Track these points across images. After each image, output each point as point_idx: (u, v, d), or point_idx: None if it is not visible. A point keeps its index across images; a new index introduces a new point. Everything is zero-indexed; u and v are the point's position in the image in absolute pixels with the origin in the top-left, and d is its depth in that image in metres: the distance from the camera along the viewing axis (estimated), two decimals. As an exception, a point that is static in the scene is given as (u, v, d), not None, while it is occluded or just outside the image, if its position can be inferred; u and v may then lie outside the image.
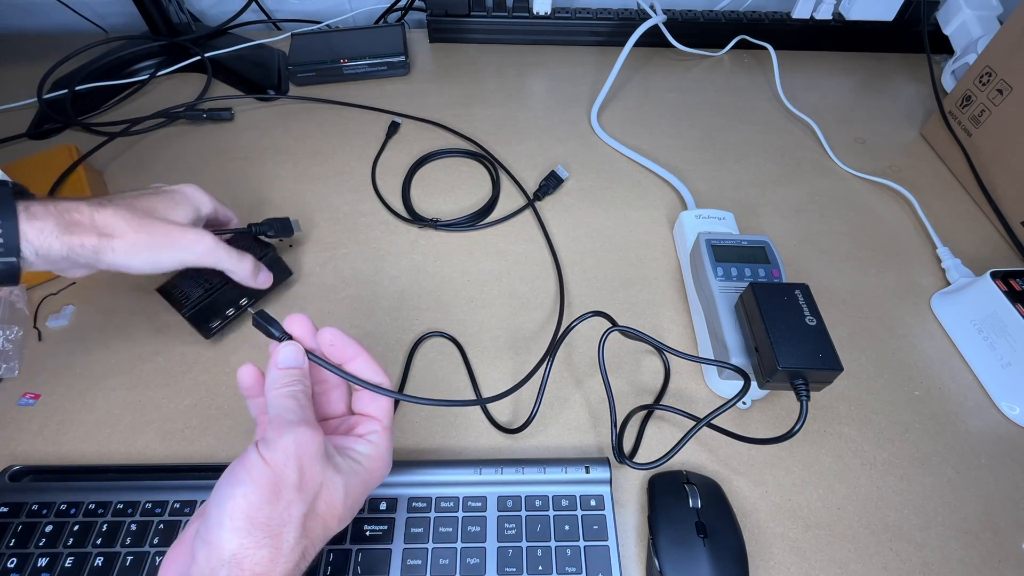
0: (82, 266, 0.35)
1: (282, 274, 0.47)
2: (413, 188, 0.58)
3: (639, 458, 0.40)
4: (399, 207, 0.56)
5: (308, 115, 0.66)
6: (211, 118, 0.64)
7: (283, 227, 0.48)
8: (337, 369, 0.30)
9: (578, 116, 0.68)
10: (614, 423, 0.40)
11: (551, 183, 0.57)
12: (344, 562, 0.34)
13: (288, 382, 0.28)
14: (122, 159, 0.60)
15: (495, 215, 0.56)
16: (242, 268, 0.41)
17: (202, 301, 0.43)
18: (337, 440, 0.30)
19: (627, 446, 0.41)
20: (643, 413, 0.43)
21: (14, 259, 0.32)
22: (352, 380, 0.30)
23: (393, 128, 0.63)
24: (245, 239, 0.46)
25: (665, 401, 0.43)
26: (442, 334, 0.47)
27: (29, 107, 0.63)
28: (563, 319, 0.48)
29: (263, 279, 0.43)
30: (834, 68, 0.76)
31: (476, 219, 0.55)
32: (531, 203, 0.57)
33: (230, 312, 0.45)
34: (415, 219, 0.55)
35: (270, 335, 0.30)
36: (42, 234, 0.32)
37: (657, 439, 0.42)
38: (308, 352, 0.30)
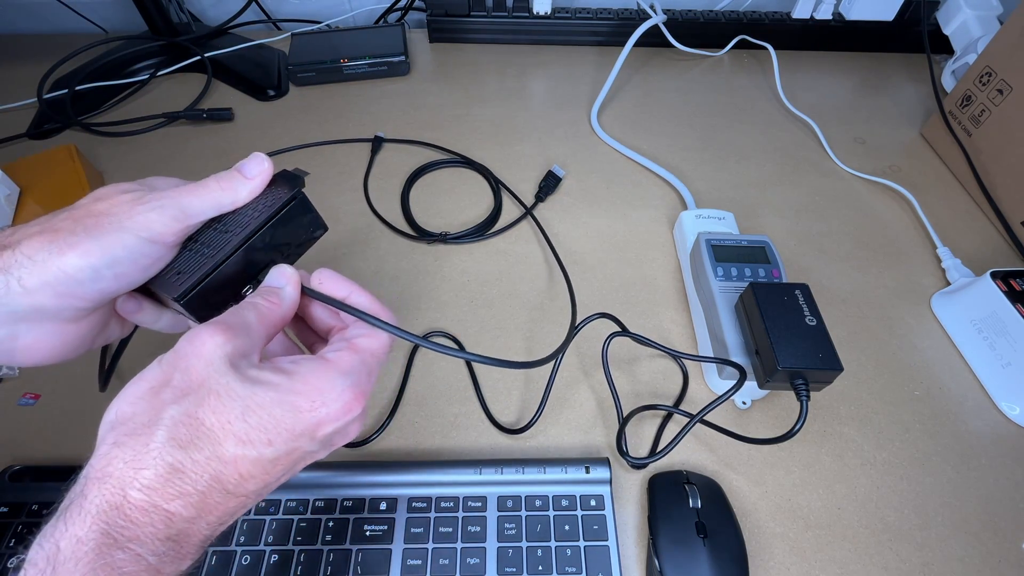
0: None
1: (306, 226, 0.31)
2: (412, 201, 0.57)
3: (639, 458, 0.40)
4: (395, 220, 0.55)
5: (308, 115, 0.66)
6: (211, 118, 0.64)
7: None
8: (336, 301, 0.27)
9: (578, 116, 0.68)
10: (620, 417, 0.40)
11: (550, 183, 0.57)
12: (344, 562, 0.34)
13: (253, 295, 0.26)
14: (122, 159, 0.59)
15: (501, 223, 0.56)
16: (219, 187, 0.27)
17: (199, 284, 0.29)
18: (281, 360, 0.25)
19: (628, 447, 0.41)
20: (645, 413, 0.43)
21: None
22: (352, 312, 0.27)
23: (377, 144, 0.62)
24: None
25: (667, 401, 0.43)
26: (444, 334, 0.47)
27: (29, 107, 0.63)
28: (574, 320, 0.48)
29: (251, 174, 0.28)
30: (834, 68, 0.76)
31: (482, 230, 0.55)
32: (529, 212, 0.56)
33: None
34: (421, 235, 0.54)
35: None
36: None
37: (659, 439, 0.42)
38: (305, 288, 0.27)
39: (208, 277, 0.26)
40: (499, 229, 0.55)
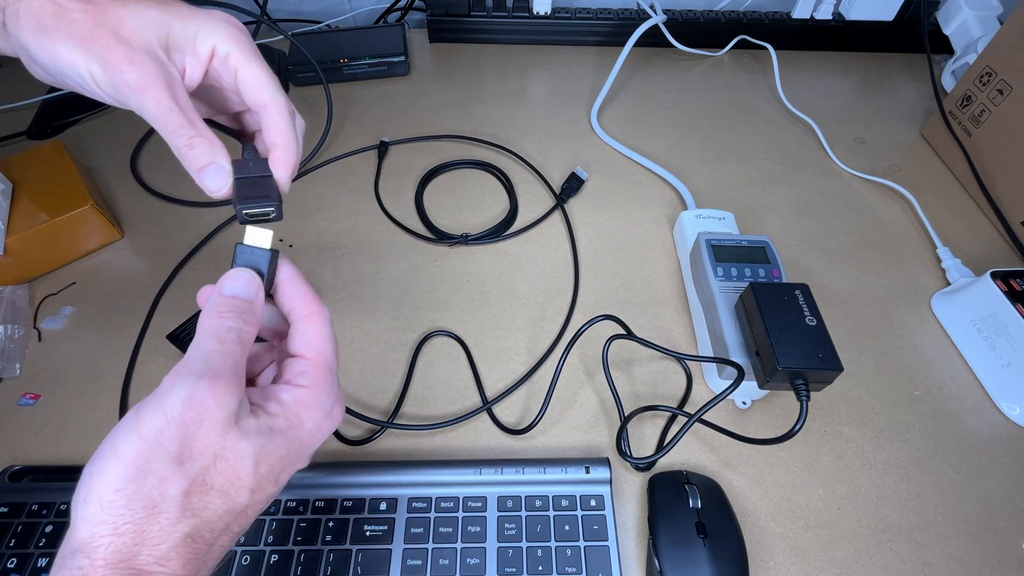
0: None
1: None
2: (426, 203, 0.57)
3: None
4: (411, 224, 0.55)
5: (309, 115, 0.66)
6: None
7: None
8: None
9: (578, 116, 0.68)
10: (621, 417, 0.40)
11: (573, 184, 0.57)
12: (344, 562, 0.34)
13: (224, 312, 0.24)
14: (121, 159, 0.59)
15: (519, 222, 0.55)
16: (181, 138, 0.25)
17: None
18: (255, 395, 0.24)
19: (630, 447, 0.41)
20: (646, 414, 0.43)
21: None
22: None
23: (383, 148, 0.61)
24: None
25: (668, 402, 0.43)
26: (448, 334, 0.47)
27: (30, 107, 0.64)
28: (569, 320, 0.48)
29: (210, 176, 0.26)
30: (834, 68, 0.76)
31: (501, 229, 0.54)
32: (560, 204, 0.56)
33: None
34: (441, 237, 0.53)
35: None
36: None
37: (657, 438, 0.42)
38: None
39: None
40: (519, 229, 0.55)
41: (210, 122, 0.30)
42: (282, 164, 0.27)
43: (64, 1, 0.24)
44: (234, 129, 0.31)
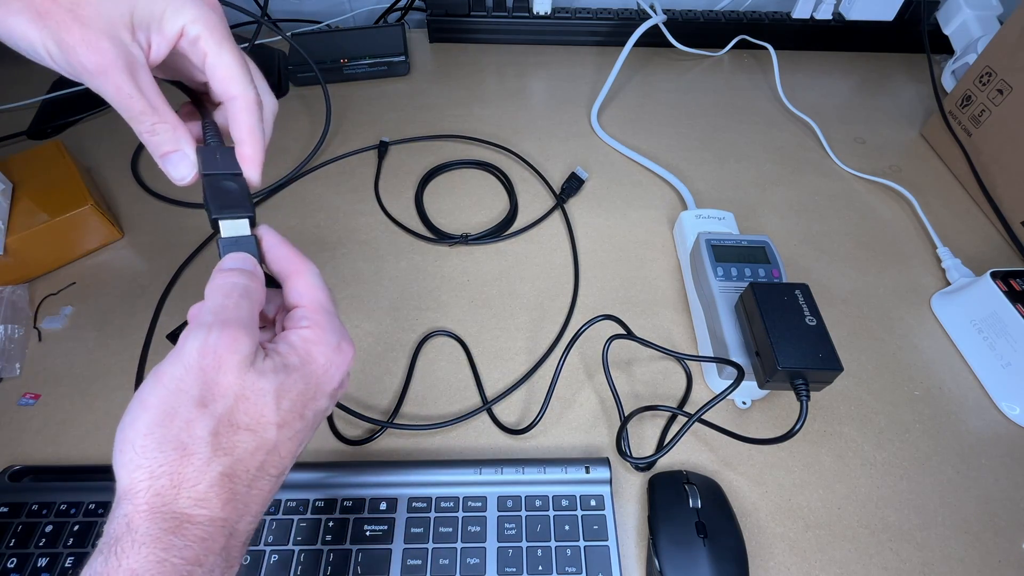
0: None
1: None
2: (426, 203, 0.57)
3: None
4: (410, 223, 0.55)
5: (308, 115, 0.66)
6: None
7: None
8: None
9: (578, 116, 0.68)
10: (621, 417, 0.40)
11: (573, 184, 0.57)
12: (344, 562, 0.35)
13: (227, 271, 0.25)
14: (121, 159, 0.59)
15: (519, 222, 0.55)
16: (142, 124, 0.25)
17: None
18: (265, 343, 0.25)
19: (630, 447, 0.41)
20: (646, 414, 0.43)
21: None
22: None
23: (383, 148, 0.61)
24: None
25: (668, 402, 0.43)
26: (448, 333, 0.47)
27: (30, 107, 0.64)
28: (569, 320, 0.48)
29: (173, 164, 0.26)
30: (834, 68, 0.76)
31: (501, 229, 0.54)
32: (560, 204, 0.56)
33: None
34: (441, 237, 0.53)
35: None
36: None
37: (657, 438, 0.42)
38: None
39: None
40: (519, 229, 0.55)
41: (173, 81, 0.29)
42: (250, 162, 0.27)
43: None
44: (197, 92, 0.30)
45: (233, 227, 0.26)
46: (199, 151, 0.27)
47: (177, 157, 0.26)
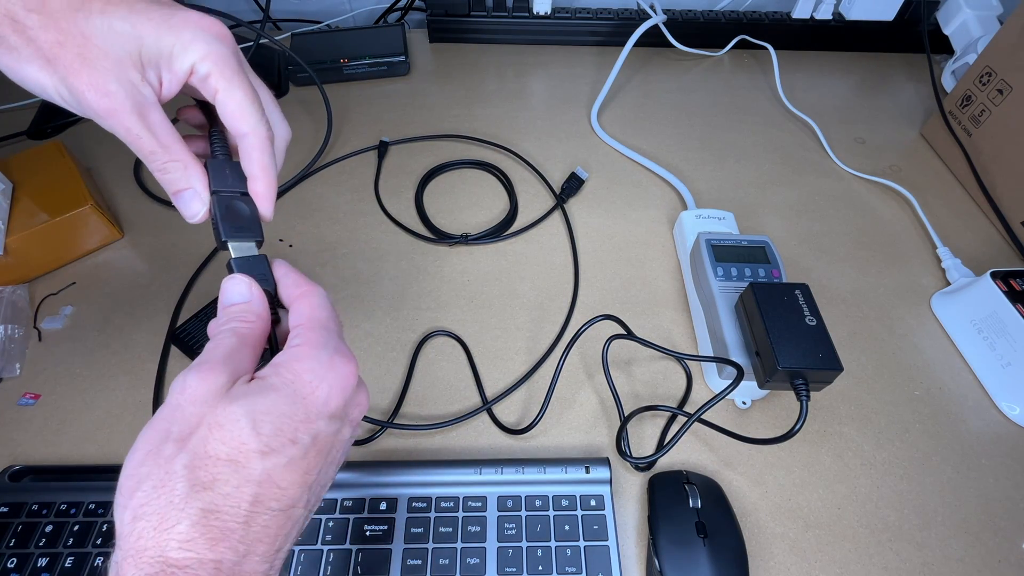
0: None
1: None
2: (426, 203, 0.57)
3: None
4: (410, 223, 0.55)
5: (308, 115, 0.66)
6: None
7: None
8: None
9: (578, 116, 0.68)
10: (621, 417, 0.40)
11: (573, 184, 0.57)
12: (344, 562, 0.34)
13: (222, 320, 0.25)
14: (121, 160, 0.59)
15: (519, 222, 0.55)
16: (154, 162, 0.26)
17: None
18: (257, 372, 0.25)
19: (630, 447, 0.41)
20: (646, 414, 0.43)
21: None
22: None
23: (383, 148, 0.61)
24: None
25: (668, 402, 0.43)
26: (448, 333, 0.47)
27: (30, 107, 0.64)
28: (569, 320, 0.48)
29: (185, 201, 0.27)
30: (834, 68, 0.76)
31: (501, 229, 0.54)
32: (560, 204, 0.56)
33: None
34: (441, 237, 0.53)
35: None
36: None
37: (657, 438, 0.42)
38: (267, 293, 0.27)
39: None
40: (519, 229, 0.55)
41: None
42: (262, 198, 0.27)
43: (21, 16, 0.22)
44: (206, 103, 0.29)
45: (241, 248, 0.27)
46: (208, 163, 0.27)
47: (189, 195, 0.26)
